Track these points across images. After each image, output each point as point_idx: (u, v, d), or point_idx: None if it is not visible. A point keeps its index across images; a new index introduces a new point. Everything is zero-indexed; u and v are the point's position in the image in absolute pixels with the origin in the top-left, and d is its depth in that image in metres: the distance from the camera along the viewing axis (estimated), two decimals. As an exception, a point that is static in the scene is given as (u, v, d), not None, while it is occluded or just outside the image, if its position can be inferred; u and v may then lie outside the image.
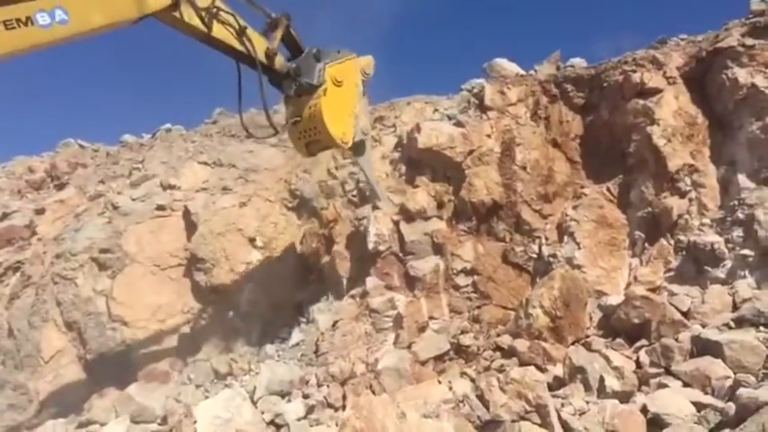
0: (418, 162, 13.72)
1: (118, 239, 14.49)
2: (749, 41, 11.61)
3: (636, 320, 9.62)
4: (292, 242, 14.41)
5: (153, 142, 18.37)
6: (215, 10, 8.34)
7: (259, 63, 8.93)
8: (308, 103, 9.80)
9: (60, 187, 17.66)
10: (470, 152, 13.41)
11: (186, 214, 14.78)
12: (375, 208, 13.40)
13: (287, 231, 14.59)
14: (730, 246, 10.18)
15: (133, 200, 15.39)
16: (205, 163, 16.18)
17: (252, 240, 14.28)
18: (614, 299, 10.46)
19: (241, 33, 8.67)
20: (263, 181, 15.34)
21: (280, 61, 9.53)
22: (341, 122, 10.20)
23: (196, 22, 8.17)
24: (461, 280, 12.57)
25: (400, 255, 12.94)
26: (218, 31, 8.45)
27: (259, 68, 8.93)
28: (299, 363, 12.13)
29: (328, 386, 10.93)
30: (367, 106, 11.35)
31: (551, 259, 12.03)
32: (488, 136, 13.66)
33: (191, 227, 14.55)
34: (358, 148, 11.04)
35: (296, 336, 12.91)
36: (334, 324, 12.51)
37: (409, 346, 11.28)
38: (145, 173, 16.25)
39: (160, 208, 15.04)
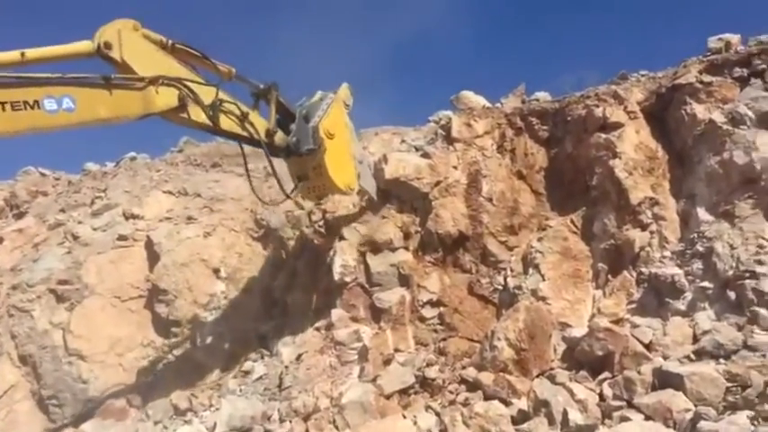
0: (385, 193, 13.72)
1: (77, 270, 14.20)
2: (707, 78, 11.90)
3: (599, 352, 9.61)
4: (257, 273, 14.24)
5: (117, 171, 18.16)
6: (219, 102, 8.69)
7: (264, 144, 9.79)
8: (311, 163, 10.93)
9: (19, 216, 17.35)
10: (437, 183, 13.46)
11: (149, 244, 14.56)
12: (341, 239, 13.34)
13: (252, 262, 14.45)
14: (690, 278, 10.29)
15: (94, 229, 15.14)
16: (170, 192, 16.02)
17: (216, 271, 14.11)
18: (578, 331, 10.46)
19: (244, 119, 9.38)
20: (228, 211, 15.22)
21: (280, 137, 10.42)
22: (344, 172, 11.47)
23: (203, 118, 8.64)
24: (427, 312, 12.49)
25: (366, 286, 12.85)
26: (224, 122, 9.08)
27: (265, 149, 9.94)
28: (262, 397, 11.87)
29: (291, 422, 10.71)
30: (354, 133, 11.97)
31: (516, 291, 12.02)
32: (455, 167, 13.73)
33: (153, 257, 14.32)
34: (359, 176, 12.06)
35: (259, 369, 12.67)
36: (299, 357, 12.31)
37: (374, 380, 11.11)
38: (107, 202, 16.01)
39: (122, 238, 14.80)
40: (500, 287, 12.52)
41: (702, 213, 10.86)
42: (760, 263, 9.39)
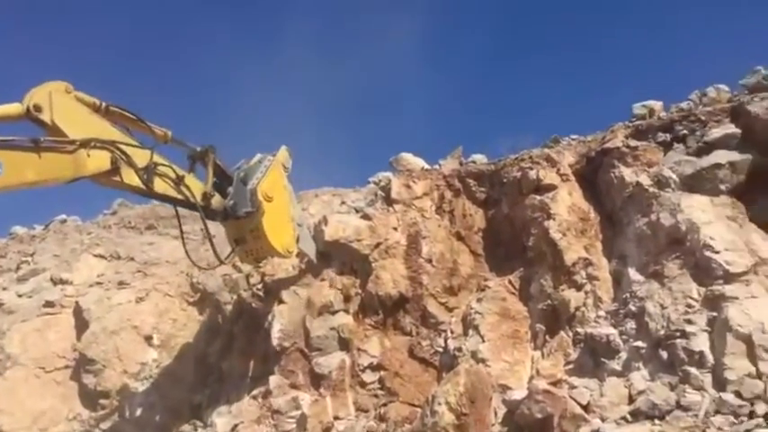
0: (325, 255, 13.62)
1: (0, 339, 13.45)
2: (633, 143, 12.42)
3: (539, 415, 9.57)
4: (192, 339, 13.80)
5: (45, 234, 17.57)
6: (153, 166, 8.57)
7: (200, 207, 9.68)
8: (249, 226, 10.81)
9: (-60, 282, 16.42)
10: (377, 245, 13.45)
11: (77, 311, 14.00)
12: (280, 302, 13.10)
13: (187, 328, 14.02)
14: (624, 338, 10.45)
15: (20, 296, 14.49)
16: (101, 256, 15.53)
17: (148, 338, 13.63)
18: (518, 393, 10.40)
19: (179, 182, 9.25)
20: (162, 274, 14.83)
21: (217, 200, 10.35)
22: (282, 235, 11.36)
23: (136, 181, 8.52)
24: (368, 376, 12.29)
25: (305, 351, 12.59)
26: (159, 185, 8.94)
27: (201, 212, 9.85)
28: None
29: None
30: (293, 196, 11.90)
31: (457, 353, 11.95)
32: (395, 229, 13.79)
33: (82, 325, 13.76)
34: (298, 239, 12.03)
35: (193, 440, 12.15)
36: (234, 427, 11.88)
37: (313, 449, 10.80)
38: (34, 267, 15.41)
39: (49, 304, 14.20)
40: (440, 349, 12.43)
41: (633, 273, 11.14)
42: (689, 322, 9.63)
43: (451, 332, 12.54)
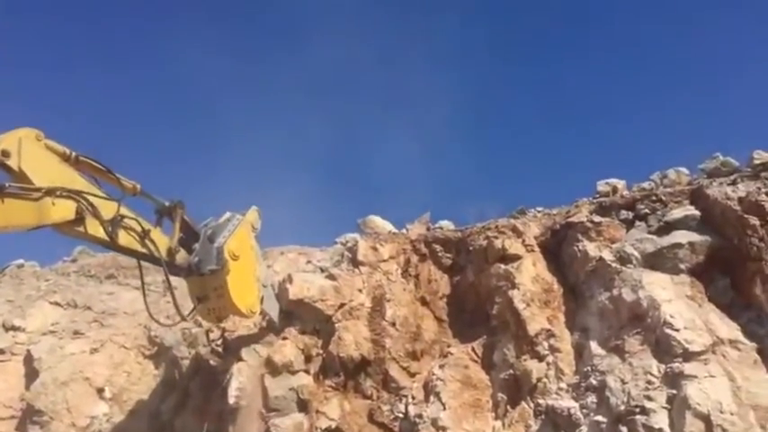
0: (288, 313, 13.48)
1: (-57, 385, 12.88)
2: (596, 218, 12.82)
3: (498, 488, 9.50)
4: (146, 394, 13.38)
5: (1, 278, 17.01)
6: (119, 218, 8.56)
7: (164, 263, 9.56)
8: (213, 283, 10.69)
9: None
10: (341, 306, 13.39)
11: (28, 359, 13.50)
12: (239, 360, 12.84)
13: (141, 382, 13.62)
14: (585, 411, 10.50)
15: (-31, 341, 13.90)
16: (57, 303, 15.12)
17: (100, 391, 13.19)
18: (478, 464, 10.34)
19: (144, 236, 9.23)
20: (119, 325, 14.48)
21: (182, 256, 10.26)
22: (247, 295, 11.24)
23: (101, 233, 8.47)
24: (326, 439, 12.03)
25: (262, 411, 12.28)
26: (123, 238, 8.90)
27: (165, 268, 9.71)
28: None
29: None
30: (260, 256, 11.85)
31: (417, 419, 11.82)
32: (360, 290, 13.78)
33: (32, 374, 13.26)
34: (261, 299, 11.92)
35: (140, 503, 11.65)
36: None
37: None
38: (-14, 311, 14.86)
39: (-1, 351, 13.64)
40: (401, 415, 12.27)
41: (595, 347, 11.29)
42: (649, 398, 9.75)
43: (413, 398, 12.42)
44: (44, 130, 8.21)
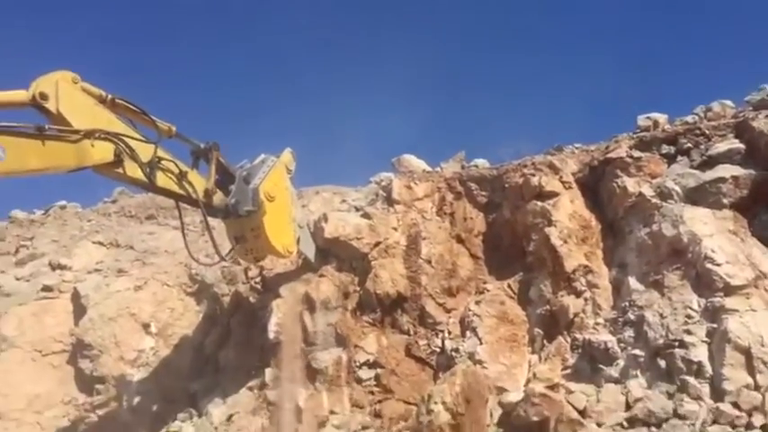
0: (324, 252, 13.63)
1: (-3, 322, 13.42)
2: (636, 154, 12.56)
3: (535, 418, 9.66)
4: (189, 329, 13.79)
5: (45, 219, 17.52)
6: (157, 160, 8.61)
7: (201, 204, 9.71)
8: (249, 225, 10.88)
9: (-60, 263, 16.33)
10: (377, 244, 13.47)
11: (75, 297, 13.96)
12: (278, 297, 13.11)
13: (184, 318, 14.01)
14: (622, 345, 10.56)
15: (17, 279, 14.45)
16: (100, 243, 15.50)
17: (146, 326, 13.62)
18: (514, 395, 10.50)
19: (182, 178, 9.33)
20: (161, 264, 14.81)
21: (219, 197, 10.38)
22: (283, 235, 11.43)
23: (139, 174, 8.57)
24: (364, 373, 12.32)
25: (302, 345, 12.60)
26: (161, 179, 9.01)
27: (202, 209, 9.88)
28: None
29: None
30: (295, 197, 11.94)
31: (454, 354, 12.03)
32: (395, 229, 13.82)
33: (79, 310, 13.72)
34: (297, 240, 12.09)
35: (187, 430, 12.12)
36: (230, 417, 11.93)
37: (308, 443, 10.83)
38: (33, 251, 15.37)
39: (47, 289, 14.14)
40: (437, 349, 12.49)
41: (633, 282, 11.25)
42: (688, 333, 9.75)
43: (449, 333, 12.60)
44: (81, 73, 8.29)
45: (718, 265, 10.08)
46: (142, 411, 12.59)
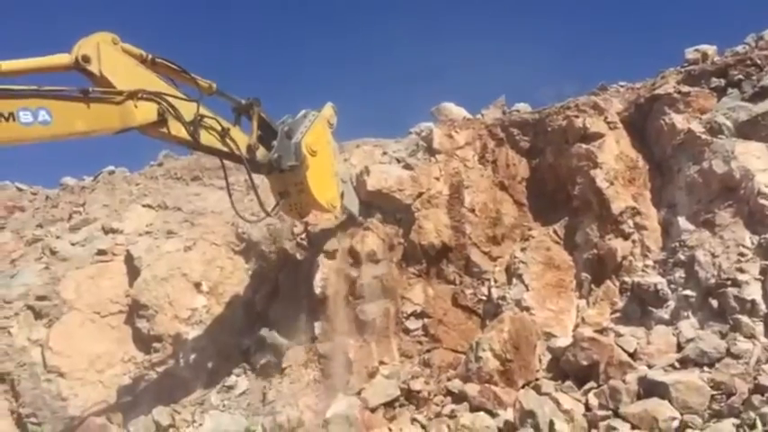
0: (367, 204, 13.64)
1: (55, 286, 13.97)
2: (685, 89, 12.06)
3: (584, 362, 9.64)
4: (239, 287, 14.09)
5: (95, 185, 17.97)
6: (199, 118, 8.67)
7: (245, 159, 9.75)
8: (293, 179, 10.88)
9: (-4, 231, 17.01)
10: (419, 195, 13.41)
11: (128, 259, 14.37)
12: (323, 252, 13.24)
13: (234, 276, 14.30)
14: (673, 287, 10.35)
15: (72, 244, 14.93)
16: (149, 206, 15.85)
17: (197, 285, 13.95)
18: (563, 341, 10.48)
19: (224, 135, 9.39)
20: (209, 224, 15.07)
21: (262, 153, 10.36)
22: (327, 190, 11.39)
23: (183, 133, 8.66)
24: (411, 324, 12.44)
25: (349, 299, 12.76)
26: (205, 137, 9.12)
27: (246, 164, 9.92)
28: (246, 412, 11.72)
29: (275, 436, 10.58)
30: (338, 152, 11.94)
31: (500, 302, 12.02)
32: (437, 179, 13.71)
33: (133, 272, 14.13)
34: (341, 195, 12.05)
35: (242, 384, 12.50)
36: (282, 371, 12.19)
37: (359, 393, 11.04)
38: (85, 216, 15.82)
39: (101, 252, 14.60)
40: (484, 298, 12.50)
41: (683, 222, 10.96)
42: (741, 271, 9.49)
43: (495, 281, 12.57)
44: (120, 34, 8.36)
45: (773, 200, 9.72)
46: (198, 367, 13.00)
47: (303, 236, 14.23)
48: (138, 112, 8.15)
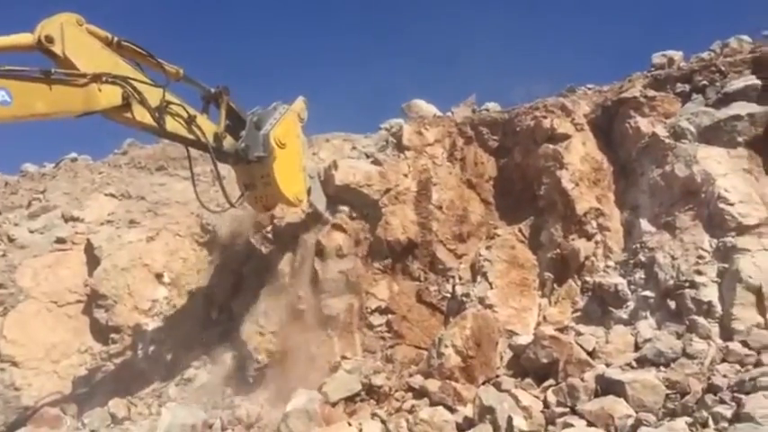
0: (335, 199, 13.58)
1: (12, 274, 13.68)
2: (650, 93, 12.23)
3: (544, 360, 9.69)
4: (202, 279, 13.93)
5: (56, 172, 17.59)
6: (165, 104, 8.49)
7: (211, 148, 9.59)
8: (260, 171, 10.77)
9: (-47, 217, 16.53)
10: (387, 190, 13.39)
11: (89, 248, 14.11)
12: (289, 245, 13.14)
13: (196, 267, 14.15)
14: (633, 287, 10.49)
15: (31, 232, 14.61)
16: (112, 195, 15.58)
17: (159, 276, 13.76)
18: (524, 338, 10.52)
19: (191, 122, 9.24)
20: (173, 215, 14.87)
21: (229, 142, 10.20)
22: (293, 183, 11.30)
23: (148, 119, 8.48)
24: (375, 319, 12.41)
25: (314, 293, 12.67)
26: (171, 124, 8.94)
27: (211, 153, 9.72)
28: (204, 406, 11.57)
29: (233, 430, 10.45)
30: (307, 147, 11.80)
31: (464, 299, 12.04)
32: (405, 175, 13.71)
33: (93, 261, 13.87)
34: (308, 190, 11.97)
35: (202, 377, 12.35)
36: (243, 364, 12.07)
37: (320, 387, 10.96)
38: (45, 204, 15.48)
39: (60, 241, 14.30)
40: (448, 295, 12.52)
41: (645, 224, 11.11)
42: (699, 273, 9.64)
43: (459, 278, 12.61)
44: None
45: (731, 204, 9.89)
46: (157, 359, 12.83)
47: (269, 229, 14.09)
48: (102, 96, 7.98)
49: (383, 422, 9.78)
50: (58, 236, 14.30)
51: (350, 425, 9.88)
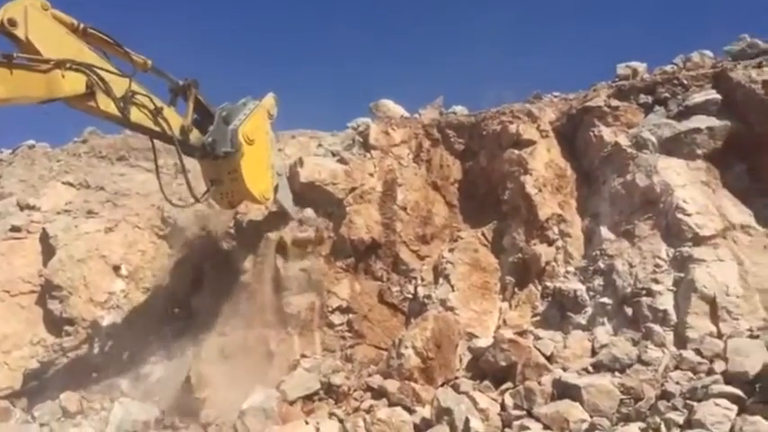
0: (299, 196, 13.49)
1: (-38, 261, 13.23)
2: (614, 103, 12.46)
3: (503, 363, 9.78)
4: (161, 273, 13.68)
5: (12, 158, 17.08)
6: (131, 94, 8.28)
7: (176, 141, 9.42)
8: (227, 167, 10.56)
9: None
10: (352, 189, 13.37)
11: (44, 237, 13.76)
12: (252, 241, 13.00)
13: (156, 261, 13.91)
14: (591, 293, 10.68)
15: (-16, 219, 14.14)
16: (70, 184, 15.21)
17: (116, 268, 13.49)
18: (484, 341, 10.60)
19: (157, 114, 9.07)
20: (133, 206, 14.59)
21: (195, 136, 10.05)
22: (260, 180, 11.11)
23: (112, 109, 8.28)
24: (336, 318, 12.38)
25: (275, 290, 12.57)
26: (136, 115, 8.75)
27: (177, 146, 9.51)
28: (158, 402, 11.36)
29: (188, 427, 10.30)
30: (275, 144, 11.65)
31: (426, 300, 12.09)
32: (371, 175, 13.71)
33: (48, 251, 13.54)
34: (275, 188, 11.79)
35: (157, 372, 12.14)
36: (201, 361, 11.87)
37: (278, 385, 10.87)
38: (0, 190, 14.99)
39: (15, 229, 13.92)
40: (410, 296, 12.55)
41: (605, 232, 11.30)
42: (656, 281, 9.87)
43: (422, 280, 12.65)
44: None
45: (689, 215, 10.15)
46: (112, 353, 12.56)
47: (232, 224, 13.92)
48: (66, 83, 7.77)
49: (341, 421, 9.75)
50: (12, 224, 13.90)
51: (307, 423, 9.82)
